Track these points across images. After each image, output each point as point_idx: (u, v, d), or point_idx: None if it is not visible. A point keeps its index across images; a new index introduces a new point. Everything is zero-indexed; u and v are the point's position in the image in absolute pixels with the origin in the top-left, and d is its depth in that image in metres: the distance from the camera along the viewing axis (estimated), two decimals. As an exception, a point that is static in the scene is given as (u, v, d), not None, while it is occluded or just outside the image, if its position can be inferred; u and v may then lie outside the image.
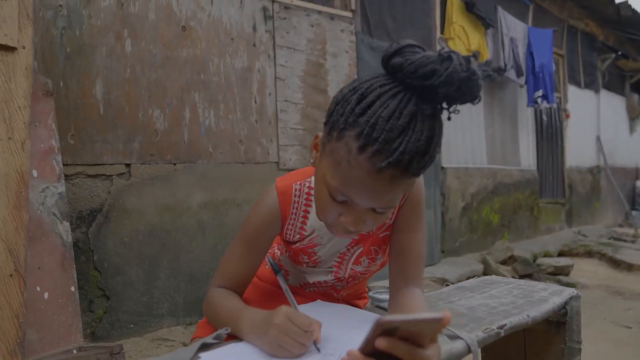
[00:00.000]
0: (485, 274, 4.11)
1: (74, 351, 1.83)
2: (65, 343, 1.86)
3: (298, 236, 1.00)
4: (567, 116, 6.32)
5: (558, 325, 1.28)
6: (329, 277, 1.09)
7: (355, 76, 3.29)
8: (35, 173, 1.92)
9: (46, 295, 1.85)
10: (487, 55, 4.53)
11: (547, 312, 1.17)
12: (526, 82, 5.07)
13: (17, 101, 1.83)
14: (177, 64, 2.49)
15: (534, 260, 4.43)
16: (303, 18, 3.05)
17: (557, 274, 4.26)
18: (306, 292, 1.15)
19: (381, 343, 0.57)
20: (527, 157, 5.50)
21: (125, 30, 2.32)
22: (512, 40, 4.77)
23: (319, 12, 3.13)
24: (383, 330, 0.59)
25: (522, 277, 4.23)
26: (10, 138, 1.79)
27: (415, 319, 0.61)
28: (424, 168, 0.73)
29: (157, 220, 2.40)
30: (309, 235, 1.00)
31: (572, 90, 6.47)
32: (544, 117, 5.90)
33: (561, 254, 5.03)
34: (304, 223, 0.97)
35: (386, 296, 2.18)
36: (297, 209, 0.97)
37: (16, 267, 1.70)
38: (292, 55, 2.99)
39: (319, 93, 3.12)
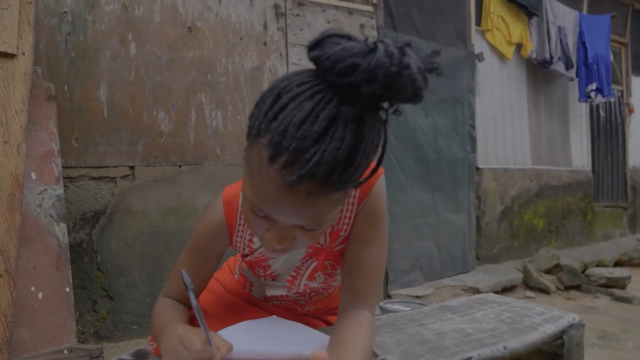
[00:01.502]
0: (525, 283, 3.81)
1: (65, 351, 1.86)
2: (58, 343, 1.89)
3: (248, 249, 0.93)
4: (631, 111, 5.75)
5: (554, 359, 1.10)
6: (283, 292, 1.01)
7: (376, 73, 3.15)
8: (33, 176, 1.97)
9: (40, 295, 1.88)
10: (530, 46, 4.21)
11: (533, 343, 1.01)
12: (577, 75, 4.65)
13: (15, 106, 1.88)
14: (183, 65, 2.48)
15: (584, 271, 4.05)
16: (318, 14, 2.96)
17: (610, 287, 3.86)
18: (269, 306, 1.07)
19: None
20: (579, 156, 5.06)
21: (130, 33, 2.34)
22: (560, 29, 4.39)
23: (336, 7, 3.02)
24: None
25: (567, 288, 3.88)
26: (6, 142, 1.84)
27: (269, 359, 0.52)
28: (349, 182, 0.61)
29: (161, 222, 2.41)
30: (258, 249, 0.92)
31: (638, 82, 5.88)
32: (602, 113, 5.40)
33: (618, 263, 4.57)
34: (252, 235, 0.90)
35: (398, 307, 2.04)
36: (244, 220, 0.88)
37: (6, 268, 1.74)
38: (306, 53, 2.90)
39: (336, 91, 3.00)
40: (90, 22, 2.24)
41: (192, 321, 0.98)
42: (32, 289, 1.87)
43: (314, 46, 0.59)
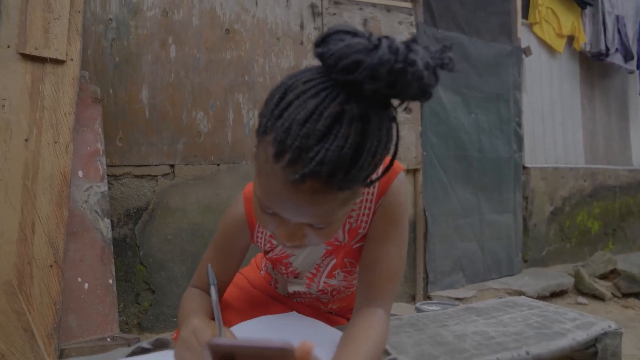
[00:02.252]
0: (576, 288, 3.61)
1: (108, 339, 1.96)
2: (102, 331, 2.00)
3: (269, 245, 0.95)
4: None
5: (587, 369, 1.04)
6: (304, 289, 1.02)
7: (415, 70, 3.09)
8: (80, 173, 2.09)
9: (86, 286, 2.00)
10: (583, 38, 3.98)
11: (560, 350, 0.96)
12: (638, 67, 4.35)
13: (64, 108, 2.00)
14: (221, 67, 2.55)
15: (644, 276, 3.78)
16: (355, 12, 2.94)
17: (675, 296, 3.58)
18: (293, 303, 1.08)
19: None
20: (640, 154, 4.73)
21: (170, 37, 2.43)
22: (618, 18, 4.13)
23: (373, 5, 3.00)
24: (220, 354, 0.53)
25: (625, 295, 3.63)
26: (56, 142, 1.96)
27: (252, 346, 0.53)
28: (355, 181, 0.60)
29: (200, 220, 2.48)
30: (278, 245, 0.93)
31: None
32: (667, 108, 5.02)
33: (684, 269, 4.22)
34: None
35: (433, 308, 2.00)
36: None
37: (56, 259, 1.86)
38: (343, 51, 2.90)
39: (373, 90, 2.98)
40: (133, 27, 2.35)
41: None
42: (79, 280, 1.99)
43: (320, 43, 0.59)
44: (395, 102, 0.61)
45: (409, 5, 3.12)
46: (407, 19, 3.09)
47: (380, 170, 0.68)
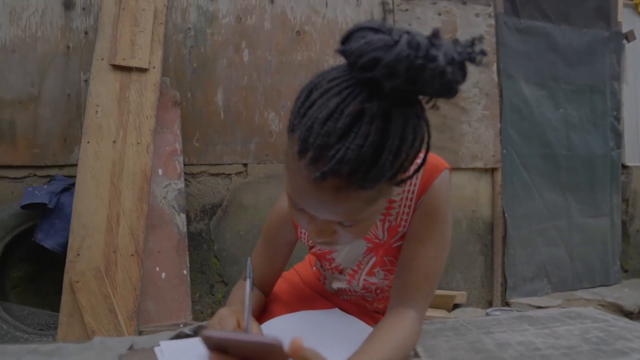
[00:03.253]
0: (688, 304, 3.17)
1: (181, 325, 2.11)
2: (176, 317, 2.16)
3: (311, 241, 0.97)
4: None
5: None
6: (345, 285, 1.03)
7: (495, 64, 2.93)
8: (160, 171, 2.27)
9: (163, 275, 2.17)
10: (701, 19, 3.48)
11: None
12: None
13: (146, 112, 2.19)
14: (292, 68, 2.62)
15: None
16: (428, 7, 2.86)
17: None
18: (339, 300, 1.10)
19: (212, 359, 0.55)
20: None
21: (243, 41, 2.55)
22: None
23: (448, -2, 2.89)
24: (213, 345, 0.57)
25: None
26: (138, 143, 2.16)
27: (241, 339, 0.55)
28: (376, 180, 0.59)
29: (270, 216, 2.57)
30: None
31: None
32: None
33: None
34: None
35: (506, 315, 1.90)
36: None
37: (136, 249, 2.05)
38: (415, 47, 2.83)
39: (447, 86, 2.87)
40: (209, 34, 2.51)
41: (267, 305, 1.04)
42: (157, 269, 2.17)
43: (344, 41, 0.59)
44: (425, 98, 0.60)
45: (487, -5, 2.96)
46: (485, 11, 2.93)
47: (413, 168, 0.66)
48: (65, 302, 1.93)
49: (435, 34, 0.55)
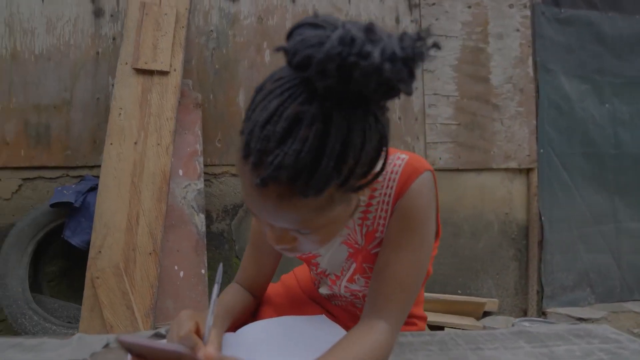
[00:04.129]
0: None
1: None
2: (194, 316, 2.20)
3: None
4: None
5: None
6: (327, 291, 1.02)
7: (530, 58, 2.75)
8: (180, 172, 2.32)
9: (182, 273, 2.22)
10: None
11: None
12: None
13: (166, 114, 2.25)
14: (313, 68, 2.59)
15: None
16: (457, 0, 2.74)
17: None
18: (331, 305, 1.08)
19: None
20: None
21: (265, 42, 2.56)
22: None
23: (479, -10, 2.75)
24: (133, 351, 0.58)
25: None
26: (159, 144, 2.22)
27: (150, 346, 0.56)
28: (319, 187, 0.55)
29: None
30: None
31: None
32: None
33: None
34: None
35: (529, 326, 1.79)
36: None
37: (154, 248, 2.10)
38: (443, 43, 2.72)
39: (479, 82, 2.73)
40: (231, 36, 2.53)
41: (259, 308, 1.04)
42: (176, 268, 2.22)
43: (287, 38, 0.56)
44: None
45: (523, -16, 2.79)
46: (520, 1, 2.77)
47: (377, 171, 0.62)
48: (87, 298, 2.01)
49: (370, 28, 0.50)
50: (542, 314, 2.69)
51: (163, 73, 2.28)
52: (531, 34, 2.76)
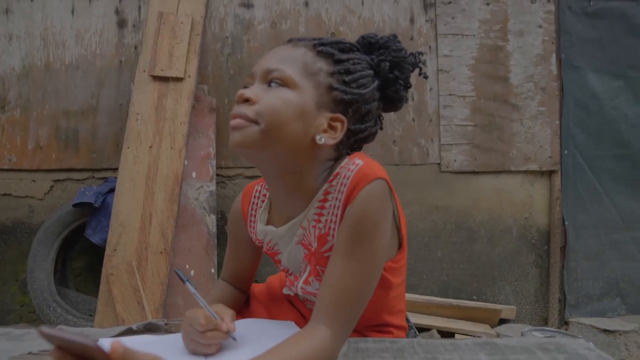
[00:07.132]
0: None
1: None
2: (203, 313, 2.28)
3: (258, 240, 1.00)
4: None
5: None
6: (287, 291, 1.04)
7: (554, 55, 2.63)
8: (194, 174, 2.41)
9: (192, 272, 2.31)
10: None
11: None
12: None
13: (180, 118, 2.35)
14: (325, 71, 2.61)
15: None
16: (475, -3, 2.66)
17: None
18: (305, 309, 1.10)
19: (52, 355, 0.59)
20: None
21: (278, 47, 2.60)
22: None
23: (499, -14, 2.66)
24: (52, 342, 0.62)
25: None
26: (172, 148, 2.32)
27: (63, 337, 0.60)
28: (325, 54, 0.82)
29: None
30: (264, 240, 0.98)
31: None
32: None
33: None
34: (257, 226, 0.97)
35: (540, 335, 1.74)
36: (254, 210, 0.96)
37: (165, 247, 2.20)
38: (459, 42, 2.65)
39: (497, 81, 2.64)
40: (245, 41, 2.60)
41: (249, 301, 1.08)
42: (187, 266, 2.31)
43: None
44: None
45: (546, -22, 2.67)
46: (544, -5, 2.65)
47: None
48: (102, 292, 2.14)
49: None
50: (565, 323, 2.56)
51: (178, 79, 2.38)
52: (555, 30, 2.64)
